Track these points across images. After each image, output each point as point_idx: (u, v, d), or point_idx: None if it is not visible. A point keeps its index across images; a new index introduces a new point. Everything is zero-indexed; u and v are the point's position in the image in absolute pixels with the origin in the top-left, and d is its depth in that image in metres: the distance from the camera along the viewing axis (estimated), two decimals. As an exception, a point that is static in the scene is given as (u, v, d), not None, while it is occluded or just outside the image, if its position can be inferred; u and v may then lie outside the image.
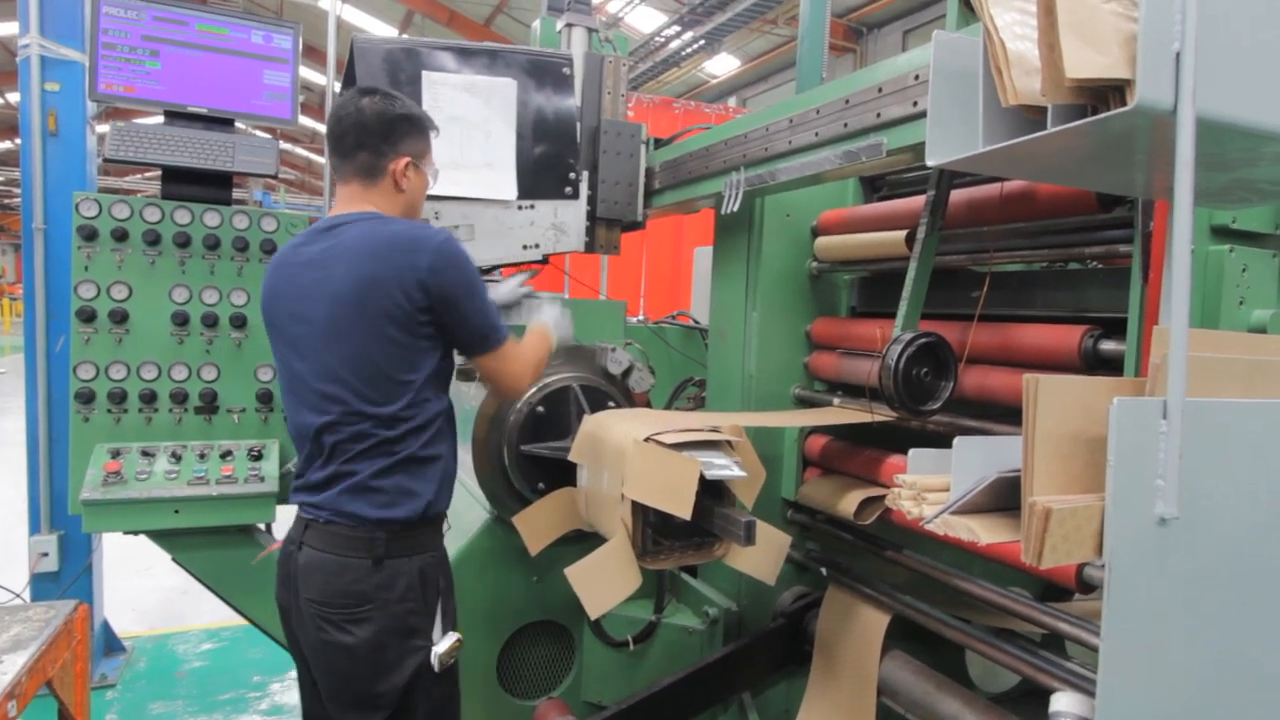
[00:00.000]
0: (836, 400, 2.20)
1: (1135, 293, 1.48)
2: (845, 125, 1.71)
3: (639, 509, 1.73)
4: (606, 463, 1.82)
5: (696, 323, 3.07)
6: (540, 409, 2.17)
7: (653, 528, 1.76)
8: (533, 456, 2.15)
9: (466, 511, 2.49)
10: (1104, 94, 1.02)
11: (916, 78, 1.52)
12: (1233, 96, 0.99)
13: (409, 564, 1.73)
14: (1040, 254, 1.84)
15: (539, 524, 2.13)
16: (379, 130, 1.79)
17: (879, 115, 1.62)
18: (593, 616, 1.82)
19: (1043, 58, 1.03)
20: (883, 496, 1.95)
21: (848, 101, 1.70)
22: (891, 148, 1.62)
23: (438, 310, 1.70)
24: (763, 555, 1.86)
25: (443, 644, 1.74)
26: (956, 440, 1.32)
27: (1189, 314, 1.01)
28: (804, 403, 2.37)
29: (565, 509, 2.11)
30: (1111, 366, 1.58)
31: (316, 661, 1.79)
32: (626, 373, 2.29)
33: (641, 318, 3.15)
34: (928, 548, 1.97)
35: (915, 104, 1.52)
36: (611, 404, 2.23)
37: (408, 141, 1.81)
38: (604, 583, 1.74)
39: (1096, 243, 1.71)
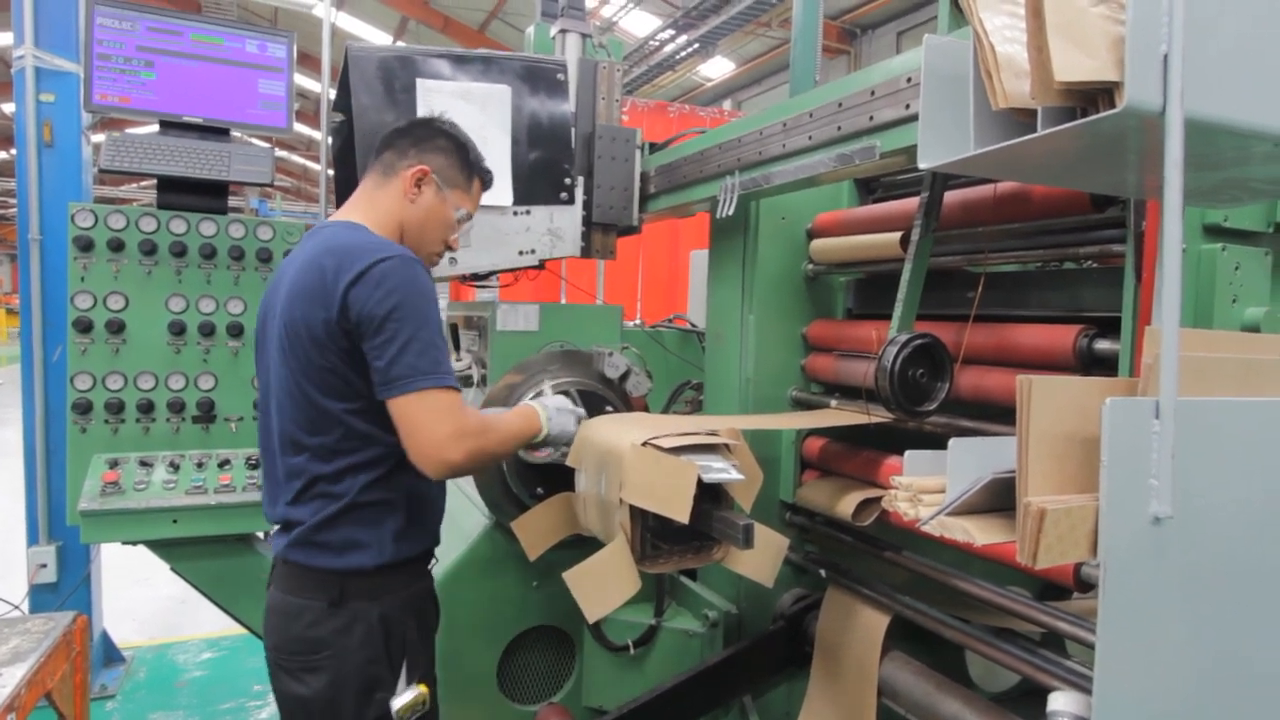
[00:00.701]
0: (833, 402, 2.20)
1: (1129, 292, 1.48)
2: (839, 128, 1.72)
3: (637, 513, 1.73)
4: (605, 467, 1.82)
5: (693, 326, 3.07)
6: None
7: (651, 531, 1.76)
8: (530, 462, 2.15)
9: (465, 518, 2.49)
10: (1093, 96, 1.02)
11: (909, 80, 1.52)
12: (1221, 97, 1.00)
13: (369, 608, 1.60)
14: (1034, 254, 1.84)
15: (538, 529, 2.13)
16: (412, 133, 1.74)
17: (872, 118, 1.63)
18: (590, 620, 1.81)
19: (1032, 60, 1.04)
20: (880, 498, 1.95)
21: (841, 105, 1.71)
22: (885, 150, 1.62)
23: (355, 335, 1.51)
24: (761, 558, 1.86)
25: (401, 699, 1.60)
26: (951, 442, 1.32)
27: (1180, 314, 1.01)
28: (801, 405, 2.37)
29: (563, 514, 2.11)
30: (1107, 366, 1.59)
31: (280, 711, 1.68)
32: (624, 377, 2.29)
33: (638, 322, 3.15)
34: (926, 548, 1.97)
35: (907, 107, 1.53)
36: (609, 408, 2.24)
37: (437, 156, 1.72)
38: (602, 586, 1.74)
39: (1090, 243, 1.71)
